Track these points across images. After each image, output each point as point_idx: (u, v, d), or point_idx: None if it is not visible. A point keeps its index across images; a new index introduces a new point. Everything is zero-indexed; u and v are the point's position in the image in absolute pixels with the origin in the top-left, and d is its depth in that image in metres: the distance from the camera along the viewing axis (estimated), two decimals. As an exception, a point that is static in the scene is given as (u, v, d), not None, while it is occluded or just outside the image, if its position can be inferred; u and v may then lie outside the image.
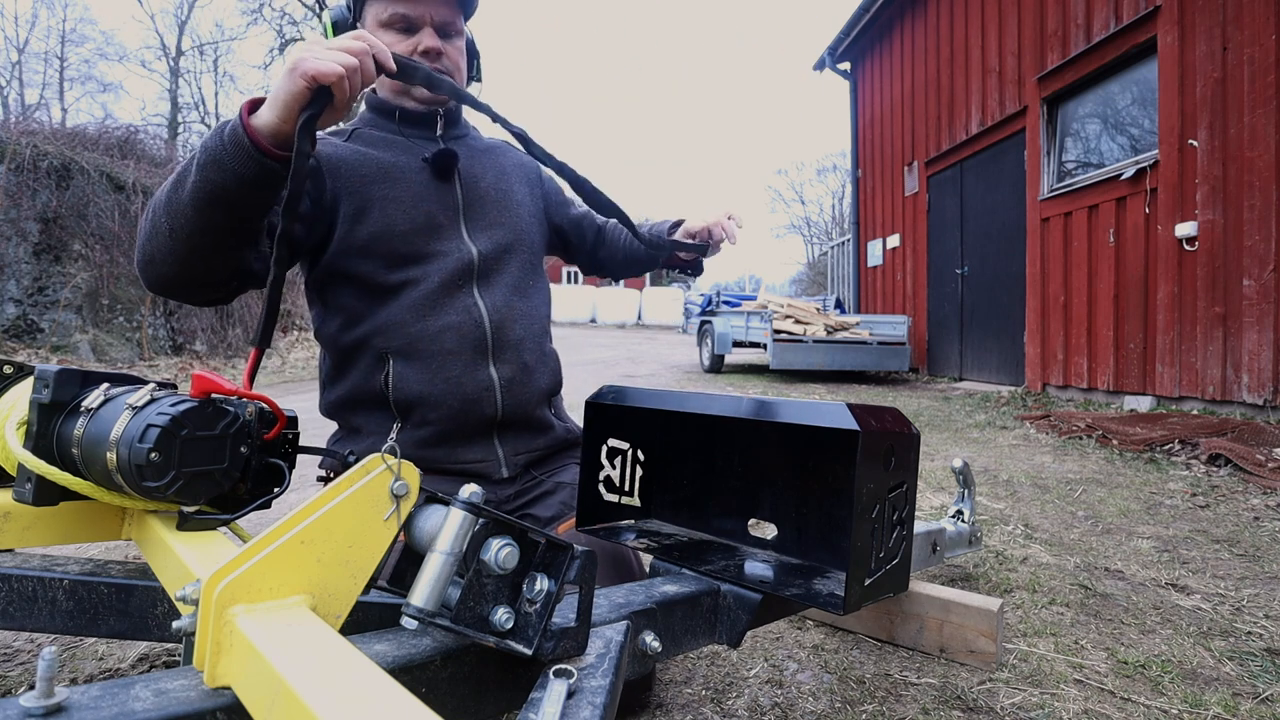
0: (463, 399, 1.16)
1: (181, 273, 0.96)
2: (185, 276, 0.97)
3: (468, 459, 1.19)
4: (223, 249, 0.95)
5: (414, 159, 1.21)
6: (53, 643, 1.43)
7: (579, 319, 27.26)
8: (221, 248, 0.94)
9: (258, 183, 0.88)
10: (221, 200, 0.89)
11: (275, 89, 0.86)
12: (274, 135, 0.87)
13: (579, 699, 0.60)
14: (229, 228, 0.92)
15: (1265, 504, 2.58)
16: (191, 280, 0.98)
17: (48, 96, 21.64)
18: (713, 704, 1.21)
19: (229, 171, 0.87)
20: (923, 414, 5.11)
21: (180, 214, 0.91)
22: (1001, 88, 6.76)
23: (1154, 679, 1.29)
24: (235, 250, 0.97)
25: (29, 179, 7.38)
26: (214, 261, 0.96)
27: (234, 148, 0.86)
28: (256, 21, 20.55)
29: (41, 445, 0.76)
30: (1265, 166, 4.11)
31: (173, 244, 0.93)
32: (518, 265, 1.28)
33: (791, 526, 1.06)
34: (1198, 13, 4.55)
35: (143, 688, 0.50)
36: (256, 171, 0.87)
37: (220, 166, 0.87)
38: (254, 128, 0.87)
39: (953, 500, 1.72)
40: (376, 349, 1.17)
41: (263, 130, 0.87)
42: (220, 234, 0.92)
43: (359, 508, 0.56)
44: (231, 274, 1.00)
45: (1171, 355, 4.76)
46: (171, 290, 1.00)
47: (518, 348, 1.22)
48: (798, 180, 58.16)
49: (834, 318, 8.18)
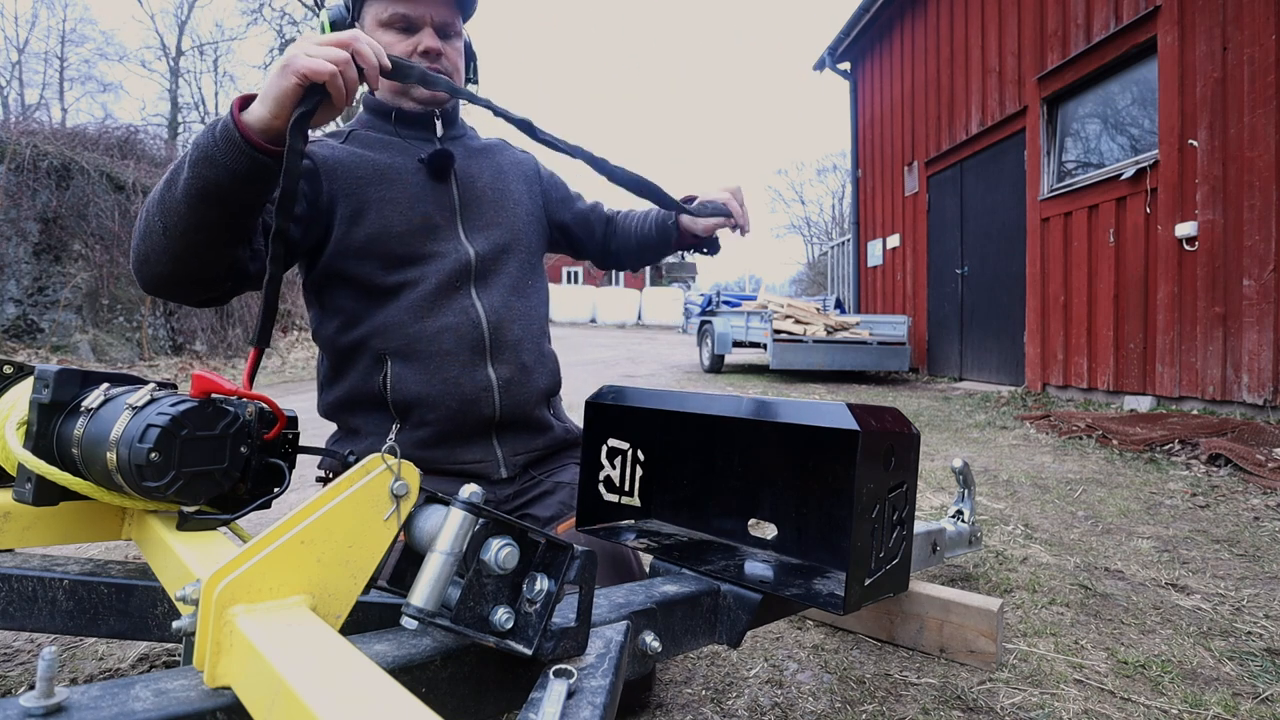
0: (461, 399, 1.16)
1: (176, 271, 0.96)
2: (180, 275, 0.97)
3: (466, 459, 1.19)
4: (216, 246, 0.94)
5: (410, 160, 1.21)
6: (53, 643, 1.43)
7: (579, 319, 27.25)
8: (215, 244, 0.94)
9: (249, 177, 0.88)
10: (214, 196, 0.89)
11: (266, 85, 0.86)
12: (265, 130, 0.87)
13: (579, 699, 0.60)
14: (222, 224, 0.92)
15: (1265, 504, 2.58)
16: (186, 279, 0.98)
17: (48, 96, 21.68)
18: (713, 704, 1.21)
19: (221, 167, 0.87)
20: (923, 414, 5.11)
21: (174, 211, 0.91)
22: (1001, 88, 6.76)
23: (1154, 679, 1.29)
24: (229, 247, 0.96)
25: (29, 179, 7.38)
26: (208, 259, 0.95)
27: (226, 143, 0.86)
28: (256, 21, 20.57)
29: (41, 445, 0.76)
30: (1265, 166, 4.11)
31: (167, 242, 0.93)
32: (515, 265, 1.27)
33: (791, 526, 1.06)
34: (1198, 13, 4.55)
35: (143, 688, 0.50)
36: (248, 166, 0.87)
37: (212, 162, 0.87)
38: (245, 123, 0.87)
39: (953, 500, 1.72)
40: (375, 350, 1.17)
41: (254, 125, 0.87)
42: (213, 230, 0.92)
43: (359, 508, 0.56)
44: (226, 273, 0.99)
45: (1171, 355, 4.77)
46: (166, 290, 1.00)
47: (516, 348, 1.22)
48: (798, 180, 58.37)
49: (834, 318, 8.18)
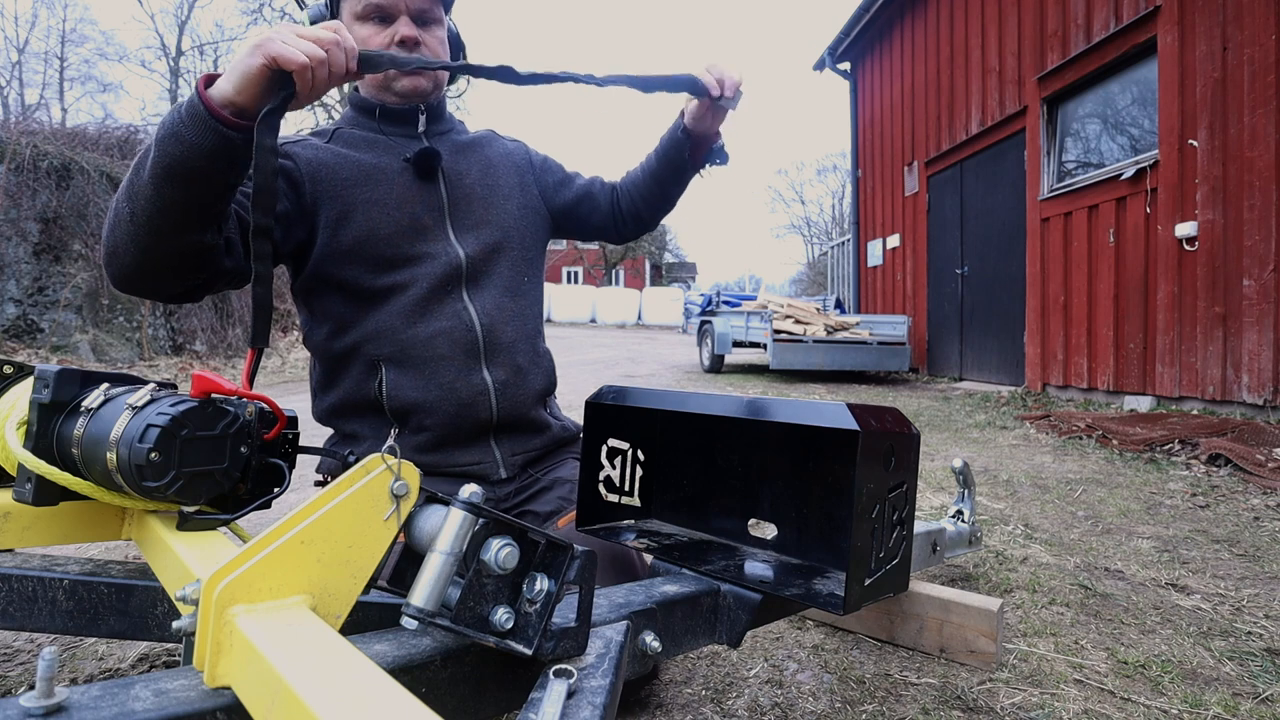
0: (458, 404, 1.16)
1: (143, 261, 0.92)
2: (148, 266, 0.93)
3: (465, 461, 1.19)
4: (182, 230, 0.91)
5: (395, 159, 1.20)
6: (53, 643, 1.43)
7: (579, 319, 27.23)
8: (181, 229, 0.91)
9: (215, 153, 0.86)
10: (180, 174, 0.86)
11: (234, 61, 0.85)
12: (228, 104, 0.85)
13: (579, 699, 0.60)
14: (188, 205, 0.89)
15: (1265, 504, 2.58)
16: (153, 269, 0.94)
17: (48, 96, 21.65)
18: (713, 704, 1.21)
19: (187, 144, 0.85)
20: (923, 414, 5.11)
21: (140, 195, 0.88)
22: (1001, 88, 6.76)
23: (1154, 679, 1.29)
24: (196, 232, 0.92)
25: (29, 179, 7.38)
26: (175, 245, 0.92)
27: (191, 119, 0.84)
28: (256, 21, 20.50)
29: (41, 445, 0.76)
30: (1265, 166, 4.11)
31: (133, 229, 0.90)
32: (507, 265, 1.26)
33: (791, 526, 1.06)
34: (1198, 13, 4.55)
35: (143, 688, 0.50)
36: (214, 141, 0.85)
37: (179, 139, 0.85)
38: (209, 97, 0.85)
39: (953, 500, 1.72)
40: (368, 356, 1.16)
41: (217, 99, 0.85)
42: (180, 213, 0.89)
43: (359, 508, 0.56)
44: (196, 263, 0.96)
45: (1171, 355, 4.76)
46: (136, 282, 0.96)
47: (510, 350, 1.22)
48: (798, 180, 58.41)
49: (834, 318, 8.18)
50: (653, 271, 38.09)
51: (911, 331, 8.15)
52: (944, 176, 8.06)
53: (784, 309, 8.11)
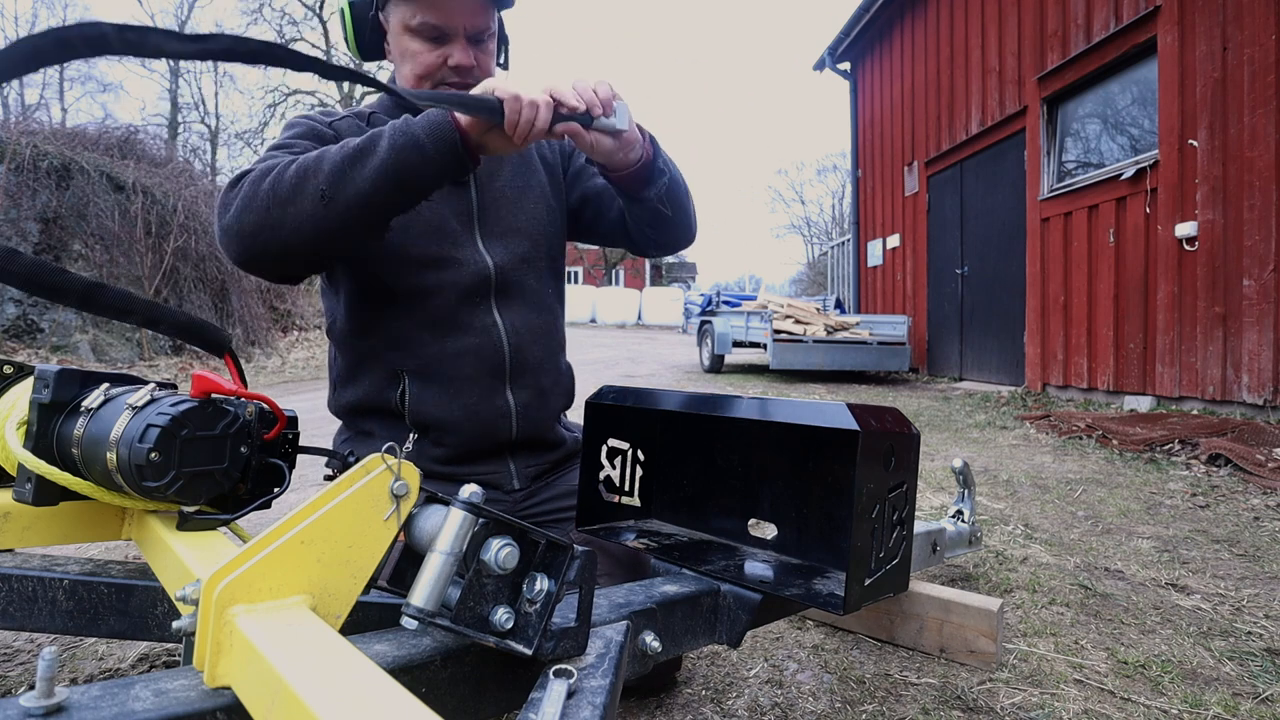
0: (479, 425, 1.15)
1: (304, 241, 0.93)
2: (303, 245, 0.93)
3: (480, 473, 1.18)
4: (370, 226, 0.96)
5: None
6: (53, 643, 1.43)
7: (579, 319, 27.24)
8: (371, 225, 0.96)
9: (442, 176, 0.93)
10: (410, 184, 0.92)
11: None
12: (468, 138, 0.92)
13: (579, 699, 0.60)
14: (388, 206, 0.94)
15: (1265, 504, 2.58)
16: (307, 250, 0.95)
17: (48, 96, 21.62)
18: (713, 704, 1.21)
19: (430, 160, 0.90)
20: (923, 414, 5.11)
21: (349, 184, 0.90)
22: (1001, 88, 6.76)
23: (1154, 679, 1.29)
24: (377, 232, 0.99)
25: (29, 179, 7.38)
26: (353, 235, 0.95)
27: (438, 137, 0.90)
28: (256, 21, 20.52)
29: (41, 445, 0.76)
30: (1265, 166, 4.11)
31: (324, 210, 0.91)
32: (535, 276, 1.23)
33: (791, 526, 1.06)
34: (1198, 13, 4.55)
35: (143, 688, 0.50)
36: (457, 168, 0.92)
37: (421, 152, 0.90)
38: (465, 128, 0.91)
39: (953, 500, 1.72)
40: (392, 365, 1.15)
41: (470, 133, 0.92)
42: (380, 210, 0.94)
43: (359, 508, 0.56)
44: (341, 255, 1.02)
45: (1171, 355, 4.76)
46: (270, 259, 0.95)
47: (536, 372, 1.21)
48: (798, 180, 58.35)
49: (834, 318, 8.18)
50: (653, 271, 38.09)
51: (911, 331, 8.15)
52: (944, 176, 8.06)
53: (784, 309, 8.11)
